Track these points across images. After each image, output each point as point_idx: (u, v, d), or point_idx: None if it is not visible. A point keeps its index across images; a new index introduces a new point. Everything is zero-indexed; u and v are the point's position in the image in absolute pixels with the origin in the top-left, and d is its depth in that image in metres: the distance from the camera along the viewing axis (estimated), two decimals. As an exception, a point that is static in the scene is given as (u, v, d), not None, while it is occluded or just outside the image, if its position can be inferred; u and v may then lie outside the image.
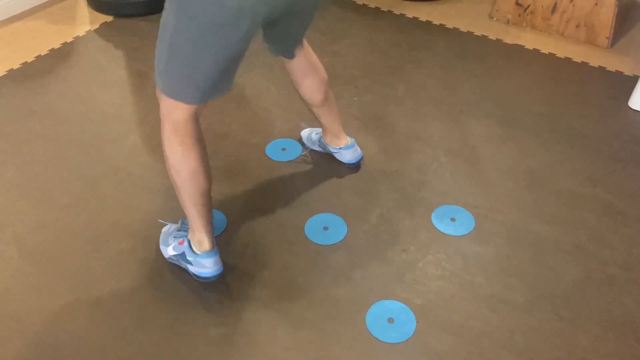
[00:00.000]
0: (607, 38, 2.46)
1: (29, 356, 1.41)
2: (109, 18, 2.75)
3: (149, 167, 1.94)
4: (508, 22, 2.66)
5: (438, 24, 2.67)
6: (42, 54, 2.51)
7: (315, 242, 1.67)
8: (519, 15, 2.62)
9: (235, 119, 2.15)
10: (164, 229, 1.66)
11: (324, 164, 1.94)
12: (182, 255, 1.55)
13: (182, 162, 1.40)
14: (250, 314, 1.49)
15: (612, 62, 2.39)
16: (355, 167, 1.89)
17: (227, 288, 1.55)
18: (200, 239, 1.51)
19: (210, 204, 1.49)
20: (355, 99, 2.23)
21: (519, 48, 2.50)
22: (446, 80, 2.32)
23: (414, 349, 1.41)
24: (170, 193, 1.85)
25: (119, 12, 2.76)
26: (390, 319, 1.46)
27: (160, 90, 1.36)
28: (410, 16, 2.73)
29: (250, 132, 2.09)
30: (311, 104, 1.74)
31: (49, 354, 1.41)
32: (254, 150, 2.00)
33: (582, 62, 2.41)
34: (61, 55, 2.52)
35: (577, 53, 2.45)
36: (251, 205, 1.80)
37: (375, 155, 1.97)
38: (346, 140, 1.87)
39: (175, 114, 1.36)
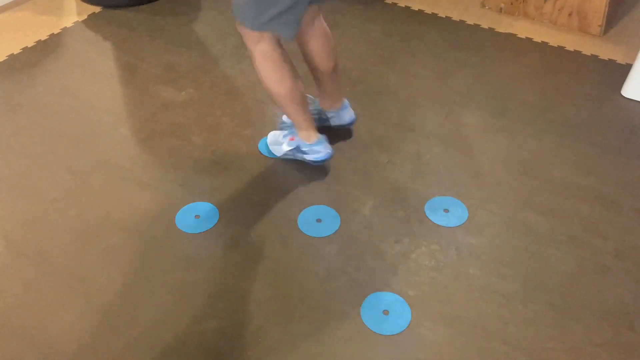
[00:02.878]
0: (599, 26, 2.45)
1: (19, 352, 1.39)
2: (97, 9, 2.71)
3: (139, 160, 1.92)
4: (501, 10, 2.64)
5: (430, 13, 2.65)
6: (28, 46, 2.47)
7: (308, 235, 1.65)
8: (512, 4, 2.60)
9: (226, 111, 2.13)
10: (271, 134, 1.89)
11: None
12: (297, 148, 1.80)
13: (279, 84, 1.65)
14: (243, 307, 1.48)
15: (605, 51, 2.38)
16: (350, 128, 1.97)
17: (220, 282, 1.54)
18: (308, 134, 1.77)
19: (306, 101, 1.74)
20: (348, 89, 2.21)
21: (512, 37, 2.49)
22: (439, 69, 2.31)
23: (409, 340, 1.40)
24: (161, 186, 1.83)
25: (107, 3, 2.72)
26: (385, 310, 1.46)
27: (240, 22, 1.57)
28: (402, 5, 2.71)
29: (242, 124, 2.07)
30: (322, 71, 1.80)
31: (39, 350, 1.40)
32: (246, 142, 1.98)
33: (575, 50, 2.40)
34: (48, 47, 2.48)
35: (569, 41, 2.44)
36: (243, 198, 1.78)
37: (367, 146, 1.95)
38: (342, 100, 1.92)
39: (261, 45, 1.60)
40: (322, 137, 1.78)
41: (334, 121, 1.93)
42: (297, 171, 1.87)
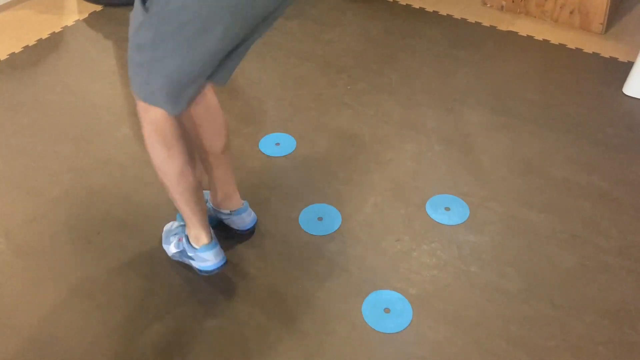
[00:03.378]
0: (601, 24, 2.44)
1: (22, 351, 1.39)
2: (98, 7, 2.71)
3: (140, 159, 1.92)
4: (502, 8, 2.64)
5: (431, 10, 2.65)
6: (29, 45, 2.47)
7: (309, 233, 1.65)
8: (513, 2, 2.60)
9: (227, 109, 2.13)
10: (166, 227, 1.61)
11: (318, 154, 1.92)
12: (183, 252, 1.51)
13: (167, 163, 1.34)
14: (244, 306, 1.48)
15: (607, 49, 2.37)
16: (251, 232, 1.64)
17: (221, 280, 1.54)
18: (197, 234, 1.47)
19: (202, 200, 1.45)
20: (349, 87, 2.21)
21: (513, 35, 2.49)
22: (440, 68, 2.30)
23: (410, 338, 1.40)
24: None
25: (108, 1, 2.71)
26: (386, 309, 1.46)
27: (136, 93, 1.31)
28: (404, 3, 2.70)
29: (243, 122, 2.06)
30: (209, 152, 1.48)
31: (41, 348, 1.40)
32: (247, 140, 1.98)
33: (577, 48, 2.39)
34: (49, 45, 2.48)
35: (571, 39, 2.43)
36: (244, 196, 1.78)
37: (368, 145, 1.95)
38: (239, 202, 1.60)
39: (151, 113, 1.30)
40: (213, 241, 1.47)
41: (228, 223, 1.62)
42: (299, 169, 1.87)
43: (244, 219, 1.62)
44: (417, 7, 2.68)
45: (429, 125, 2.03)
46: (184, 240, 1.51)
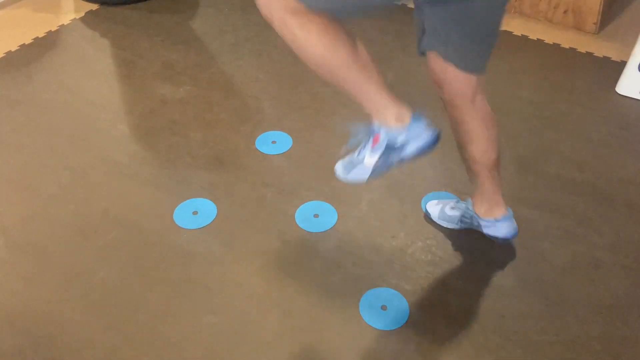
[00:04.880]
0: (594, 24, 2.46)
1: (19, 347, 1.40)
2: (95, 6, 2.71)
3: (137, 157, 1.93)
4: (496, 8, 2.66)
5: (427, 10, 2.66)
6: (26, 43, 2.47)
7: (305, 230, 1.67)
8: (507, 2, 2.62)
9: (224, 107, 2.14)
10: (339, 164, 1.33)
11: (314, 152, 1.93)
12: (388, 147, 1.22)
13: (332, 48, 1.13)
14: (241, 302, 1.49)
15: (600, 48, 2.40)
16: (510, 243, 1.59)
17: (218, 276, 1.55)
18: (398, 112, 1.20)
19: (377, 69, 1.22)
20: (345, 86, 2.22)
21: (508, 34, 2.50)
22: (435, 67, 2.32)
23: (406, 335, 1.41)
24: (159, 182, 1.84)
25: (104, 0, 2.72)
26: (383, 306, 1.47)
27: None
28: (399, 3, 2.72)
29: (240, 120, 2.07)
30: (480, 163, 1.42)
31: (38, 345, 1.40)
32: (244, 138, 1.99)
33: (570, 48, 2.41)
34: (46, 44, 2.48)
35: (565, 39, 2.46)
36: (241, 194, 1.79)
37: (364, 143, 1.96)
38: (504, 209, 1.51)
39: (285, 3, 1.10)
40: (416, 112, 1.25)
41: (488, 231, 1.55)
42: (295, 166, 1.88)
43: (504, 229, 1.52)
44: (413, 7, 2.70)
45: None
46: (381, 134, 1.22)
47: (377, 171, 1.27)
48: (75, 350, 1.39)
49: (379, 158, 1.24)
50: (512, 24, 2.56)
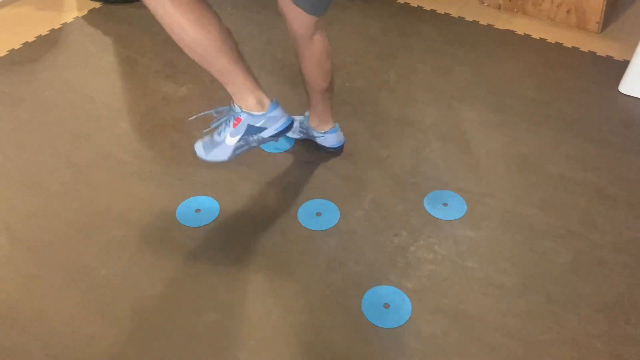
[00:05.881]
0: (597, 23, 2.46)
1: (22, 344, 1.40)
2: (97, 4, 2.72)
3: (139, 154, 1.93)
4: (499, 7, 2.66)
5: (429, 9, 2.66)
6: (29, 41, 2.47)
7: (308, 228, 1.67)
8: (510, 1, 2.62)
9: (226, 105, 2.14)
10: (199, 142, 1.47)
11: (317, 150, 1.93)
12: (249, 129, 1.35)
13: (197, 26, 1.22)
14: (243, 300, 1.49)
15: (603, 47, 2.39)
16: (339, 151, 1.87)
17: (221, 274, 1.55)
18: (259, 98, 1.34)
19: (241, 54, 1.33)
20: (347, 84, 2.22)
21: (510, 33, 2.50)
22: (437, 66, 2.32)
23: (409, 333, 1.41)
24: (162, 180, 1.84)
25: (107, -2, 2.72)
26: (385, 304, 1.47)
27: None
28: (401, 2, 2.72)
29: (242, 118, 2.08)
30: (315, 89, 1.68)
31: (40, 340, 1.41)
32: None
33: (573, 47, 2.41)
34: (49, 42, 2.48)
35: (567, 38, 2.45)
36: (244, 192, 1.79)
37: (367, 141, 1.97)
38: (332, 124, 1.82)
39: None
40: (273, 99, 1.41)
41: (321, 142, 1.84)
42: (298, 165, 1.88)
43: (331, 139, 1.80)
44: (415, 5, 2.70)
45: (427, 122, 2.04)
46: (243, 117, 1.34)
47: (238, 150, 1.41)
48: (77, 346, 1.39)
49: (240, 139, 1.37)
50: (515, 23, 2.56)
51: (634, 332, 1.41)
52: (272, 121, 1.35)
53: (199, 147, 1.46)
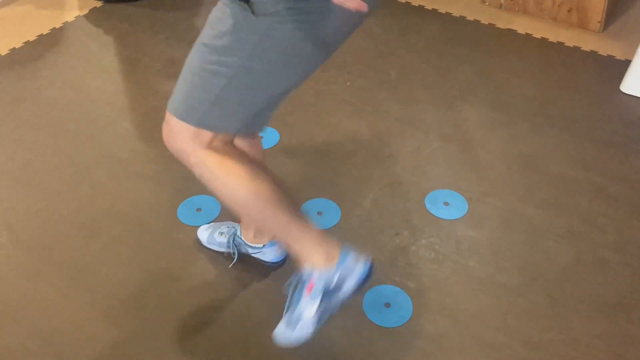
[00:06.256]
0: (599, 22, 2.46)
1: (23, 343, 1.40)
2: (99, 3, 2.72)
3: (140, 153, 1.93)
4: (500, 6, 2.65)
5: (430, 8, 2.66)
6: (30, 40, 2.48)
7: (309, 227, 1.67)
8: (512, 0, 2.61)
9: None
10: (278, 332, 1.23)
11: (318, 149, 1.93)
12: (326, 293, 1.14)
13: (254, 183, 1.10)
14: (244, 298, 1.49)
15: (604, 47, 2.39)
16: (280, 265, 1.55)
17: (221, 274, 1.55)
18: (329, 250, 1.14)
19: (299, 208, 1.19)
20: (348, 84, 2.22)
21: (512, 33, 2.50)
22: (438, 65, 2.32)
23: (410, 332, 1.41)
24: (163, 179, 1.84)
25: (108, -3, 2.72)
26: (387, 303, 1.47)
27: (197, 124, 1.09)
28: (403, 1, 2.72)
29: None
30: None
31: (42, 340, 1.41)
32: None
33: (574, 46, 2.41)
34: (50, 41, 2.48)
35: (569, 37, 2.45)
36: (244, 191, 1.79)
37: (368, 140, 1.97)
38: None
39: (204, 138, 1.10)
40: (344, 246, 1.18)
41: (256, 256, 1.52)
42: (298, 164, 1.88)
43: (272, 253, 1.51)
44: (416, 4, 2.70)
45: (428, 121, 2.04)
46: (314, 279, 1.13)
47: (322, 319, 1.18)
48: (79, 346, 1.40)
49: (319, 305, 1.15)
50: (516, 22, 2.56)
51: (636, 332, 1.40)
52: (347, 272, 1.14)
53: (280, 333, 1.22)
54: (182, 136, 1.11)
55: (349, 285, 1.14)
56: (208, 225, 1.62)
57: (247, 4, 0.98)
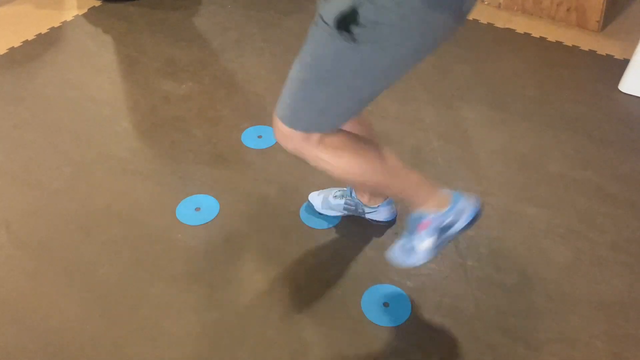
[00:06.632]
0: (597, 22, 2.46)
1: (22, 342, 1.40)
2: (97, 2, 2.72)
3: (139, 153, 1.93)
4: (499, 6, 2.66)
5: (429, 8, 2.66)
6: (29, 39, 2.47)
7: (309, 226, 1.67)
8: (511, -1, 2.62)
9: (226, 104, 2.14)
10: (395, 252, 1.38)
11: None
12: (442, 230, 1.29)
13: (369, 161, 1.24)
14: (243, 298, 1.49)
15: (603, 46, 2.39)
16: (391, 224, 1.65)
17: (221, 272, 1.56)
18: (440, 198, 1.28)
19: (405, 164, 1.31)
20: (347, 83, 2.22)
21: (510, 32, 2.50)
22: (438, 64, 2.32)
23: (408, 332, 1.42)
24: (162, 178, 1.84)
25: (107, -3, 2.72)
26: (385, 303, 1.47)
27: (306, 130, 1.19)
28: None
29: (243, 117, 2.08)
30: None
31: (41, 339, 1.41)
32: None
33: (573, 46, 2.41)
34: (49, 40, 2.48)
35: (568, 37, 2.45)
36: (244, 190, 1.79)
37: (367, 140, 1.97)
38: (382, 198, 1.61)
39: (315, 138, 1.20)
40: (455, 192, 1.31)
41: (372, 216, 1.64)
42: (298, 163, 1.88)
43: (385, 213, 1.62)
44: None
45: (427, 120, 2.04)
46: (429, 219, 1.28)
47: (434, 251, 1.33)
48: (77, 345, 1.40)
49: (434, 243, 1.31)
50: (515, 22, 2.56)
51: (634, 331, 1.41)
52: (459, 213, 1.28)
53: (395, 255, 1.38)
54: (294, 139, 1.21)
55: (460, 224, 1.30)
56: (318, 192, 1.70)
57: (348, 33, 1.03)
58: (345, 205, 1.64)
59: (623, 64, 2.23)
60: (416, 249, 1.32)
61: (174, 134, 2.00)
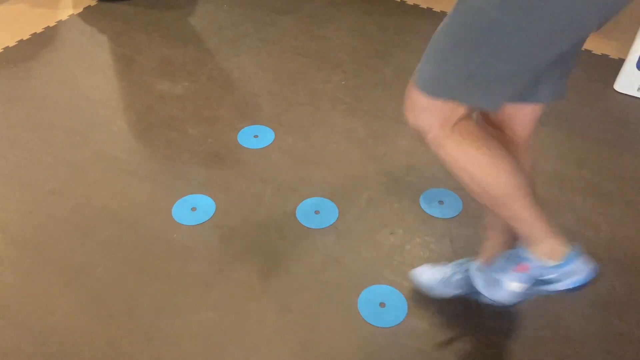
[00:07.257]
0: (593, 21, 2.47)
1: (17, 343, 1.40)
2: (93, 2, 2.71)
3: (135, 153, 1.93)
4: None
5: (425, 7, 2.66)
6: (24, 39, 2.47)
7: (306, 226, 1.67)
8: (506, -1, 2.62)
9: (222, 103, 2.14)
10: (478, 277, 1.24)
11: (313, 148, 1.93)
12: (538, 282, 1.14)
13: (494, 166, 1.04)
14: (239, 298, 1.49)
15: (598, 46, 2.40)
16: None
17: (217, 273, 1.55)
18: (553, 246, 1.11)
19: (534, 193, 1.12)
20: (343, 82, 2.22)
21: (506, 31, 2.50)
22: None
23: (405, 331, 1.42)
24: (158, 178, 1.84)
25: (102, -4, 2.72)
26: (381, 303, 1.47)
27: (449, 97, 1.01)
28: (398, 0, 2.72)
29: (239, 116, 2.07)
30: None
31: (37, 339, 1.41)
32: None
33: (569, 45, 2.41)
34: (44, 39, 2.47)
35: (563, 36, 2.46)
36: (240, 190, 1.79)
37: (363, 140, 1.97)
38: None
39: (454, 115, 1.03)
40: (573, 249, 1.12)
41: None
42: (295, 164, 1.88)
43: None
44: (411, 3, 2.70)
45: (423, 120, 2.04)
46: (531, 265, 1.12)
47: (520, 297, 1.19)
48: (73, 345, 1.39)
49: (526, 285, 1.16)
50: (511, 21, 2.56)
51: (629, 330, 1.41)
52: (567, 275, 1.11)
53: (478, 279, 1.23)
54: (430, 110, 1.04)
55: (561, 285, 1.12)
56: (426, 267, 1.43)
57: None
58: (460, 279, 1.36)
59: (618, 63, 2.24)
60: (503, 285, 1.17)
61: (169, 134, 2.00)
